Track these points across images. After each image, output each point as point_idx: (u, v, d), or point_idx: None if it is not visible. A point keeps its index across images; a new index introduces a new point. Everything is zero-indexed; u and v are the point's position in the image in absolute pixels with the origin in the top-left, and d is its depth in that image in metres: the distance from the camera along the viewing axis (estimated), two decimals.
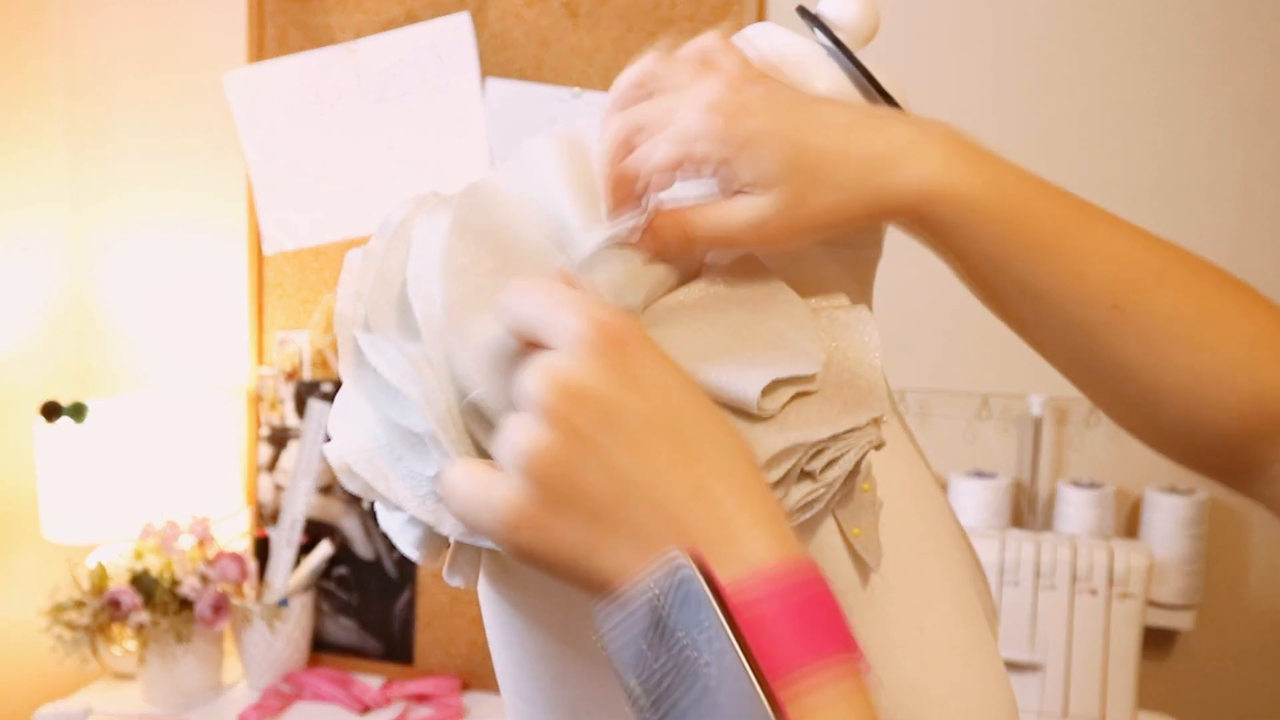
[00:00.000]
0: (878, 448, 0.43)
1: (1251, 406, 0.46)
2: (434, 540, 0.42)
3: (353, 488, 0.41)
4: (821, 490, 0.41)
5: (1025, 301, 0.46)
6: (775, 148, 0.44)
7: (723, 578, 0.33)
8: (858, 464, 0.42)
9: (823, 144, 0.44)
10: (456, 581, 0.43)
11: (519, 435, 0.35)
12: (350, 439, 0.41)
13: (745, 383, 0.40)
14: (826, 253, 0.50)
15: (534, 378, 0.35)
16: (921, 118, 0.46)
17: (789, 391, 0.41)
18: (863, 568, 0.45)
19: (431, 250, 0.40)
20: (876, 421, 0.43)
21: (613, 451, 0.35)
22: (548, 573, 0.37)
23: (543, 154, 0.43)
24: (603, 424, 0.35)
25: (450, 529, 0.40)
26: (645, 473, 0.35)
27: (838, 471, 0.41)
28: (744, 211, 0.44)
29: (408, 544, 0.42)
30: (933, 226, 0.45)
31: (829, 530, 0.44)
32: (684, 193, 0.47)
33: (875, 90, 0.49)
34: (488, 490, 0.36)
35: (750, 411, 0.40)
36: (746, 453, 0.37)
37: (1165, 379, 0.46)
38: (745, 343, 0.43)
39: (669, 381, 0.36)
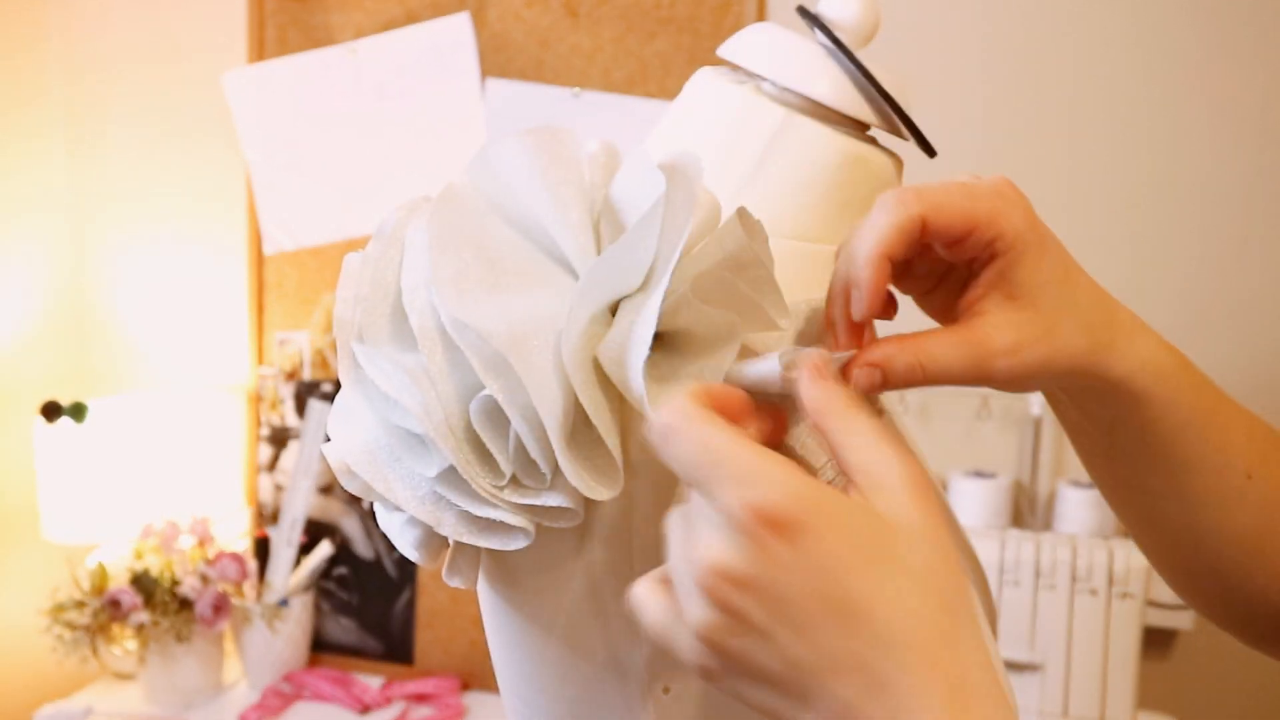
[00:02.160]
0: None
1: None
2: (433, 540, 0.42)
3: (352, 488, 0.41)
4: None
5: (1166, 471, 0.48)
6: (1056, 258, 0.42)
7: None
8: None
9: (1083, 281, 0.44)
10: (456, 582, 0.43)
11: (690, 610, 0.35)
12: (349, 439, 0.41)
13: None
14: (826, 253, 0.50)
15: (692, 563, 0.35)
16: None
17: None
18: None
19: (420, 261, 0.40)
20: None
21: (778, 636, 0.34)
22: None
23: (514, 154, 0.42)
24: (766, 610, 0.34)
25: (449, 529, 0.40)
26: (814, 656, 0.34)
27: (832, 474, 0.41)
28: (1008, 333, 0.41)
29: (407, 544, 0.42)
30: (1121, 399, 0.45)
31: None
32: None
33: (875, 90, 0.48)
34: (678, 634, 0.36)
35: None
36: (935, 616, 0.35)
37: (1269, 546, 0.49)
38: None
39: (834, 557, 0.34)
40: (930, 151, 0.51)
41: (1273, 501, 0.49)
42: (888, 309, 0.43)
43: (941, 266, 0.46)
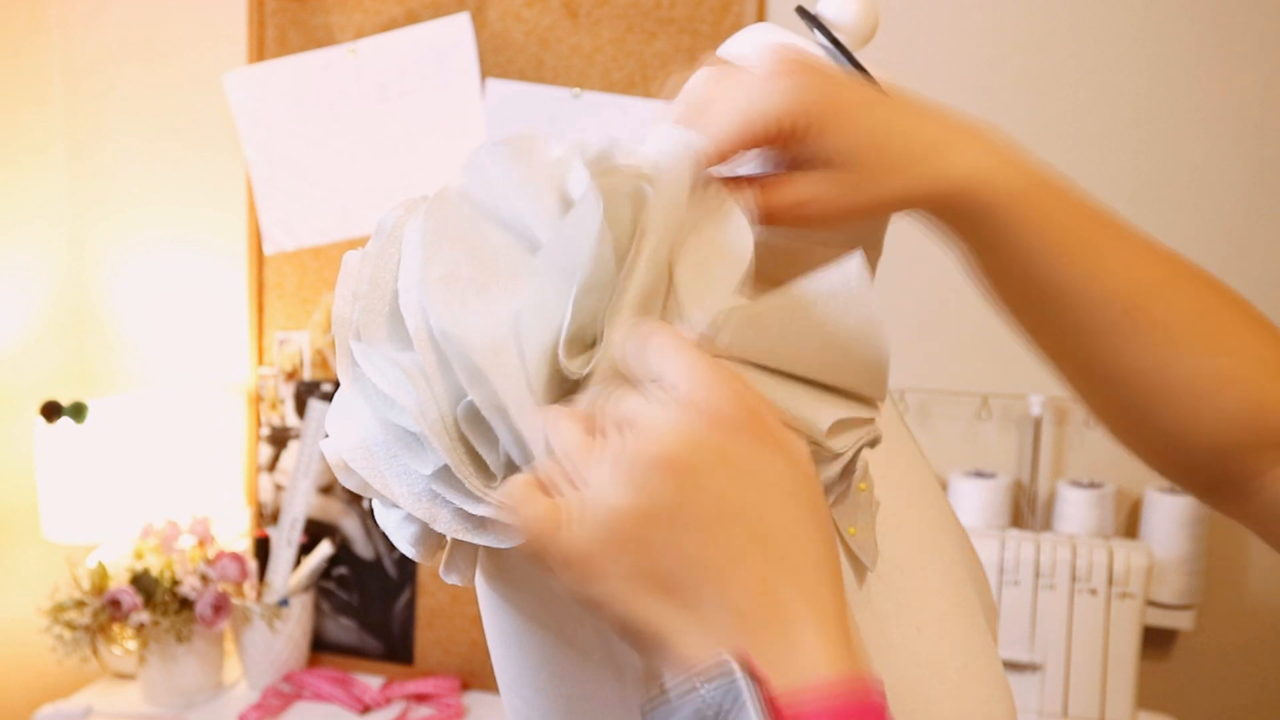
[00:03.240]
0: (873, 444, 0.43)
1: (1248, 416, 0.46)
2: (430, 537, 0.42)
3: (350, 485, 0.41)
4: None
5: (1040, 300, 0.47)
6: (862, 122, 0.44)
7: (777, 686, 0.33)
8: (852, 462, 0.42)
9: (900, 126, 0.44)
10: (453, 579, 0.43)
11: (603, 488, 0.35)
12: (347, 436, 0.41)
13: (816, 416, 0.40)
14: (826, 253, 0.50)
15: (636, 438, 0.35)
16: (969, 117, 0.47)
17: (853, 436, 0.42)
18: (859, 567, 0.45)
19: (414, 262, 0.40)
20: (870, 420, 0.43)
21: (688, 530, 0.34)
22: (600, 617, 0.37)
23: (498, 160, 0.43)
24: (689, 504, 0.34)
25: (445, 526, 0.40)
26: (715, 559, 0.34)
27: (831, 471, 0.41)
28: (817, 186, 0.44)
29: (404, 541, 0.42)
30: (968, 215, 0.45)
31: None
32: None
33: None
34: (555, 529, 0.36)
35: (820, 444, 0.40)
36: (831, 562, 0.36)
37: (1167, 383, 0.46)
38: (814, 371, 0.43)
39: (769, 474, 0.36)
40: None
41: (1162, 340, 0.46)
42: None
43: None
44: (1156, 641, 1.47)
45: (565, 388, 0.39)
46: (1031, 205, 0.45)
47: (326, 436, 0.42)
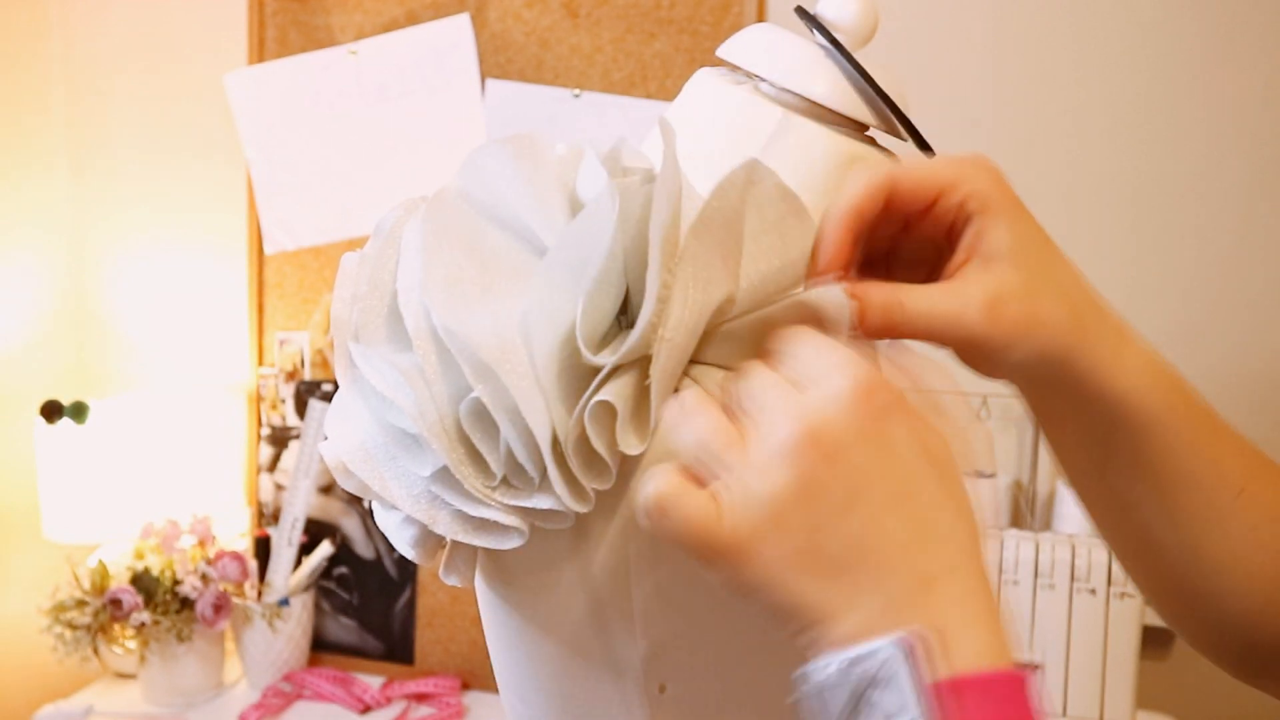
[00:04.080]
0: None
1: None
2: (429, 539, 0.42)
3: (349, 486, 0.41)
4: None
5: (1152, 488, 0.47)
6: (1036, 228, 0.42)
7: (938, 670, 0.33)
8: None
9: (1063, 257, 0.43)
10: (452, 580, 0.43)
11: (761, 472, 0.35)
12: (346, 438, 0.41)
13: None
14: None
15: (789, 420, 0.35)
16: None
17: None
18: None
19: (414, 262, 0.40)
20: None
21: (851, 514, 0.35)
22: (757, 601, 0.36)
23: (499, 160, 0.43)
24: (847, 484, 0.35)
25: (444, 528, 0.40)
26: (877, 543, 0.35)
27: None
28: (988, 284, 0.41)
29: (404, 543, 0.42)
30: (1094, 398, 0.44)
31: None
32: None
33: (873, 91, 0.49)
34: (718, 521, 0.36)
35: None
36: (978, 543, 0.36)
37: (1252, 567, 0.48)
38: None
39: (922, 454, 0.36)
40: (929, 152, 0.51)
41: (1262, 519, 0.48)
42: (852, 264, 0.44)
43: (930, 252, 0.46)
44: (1156, 641, 1.47)
45: (576, 385, 0.39)
46: (1167, 402, 0.45)
47: (326, 438, 0.42)
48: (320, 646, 1.70)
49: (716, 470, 0.36)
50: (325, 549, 1.66)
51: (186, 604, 1.50)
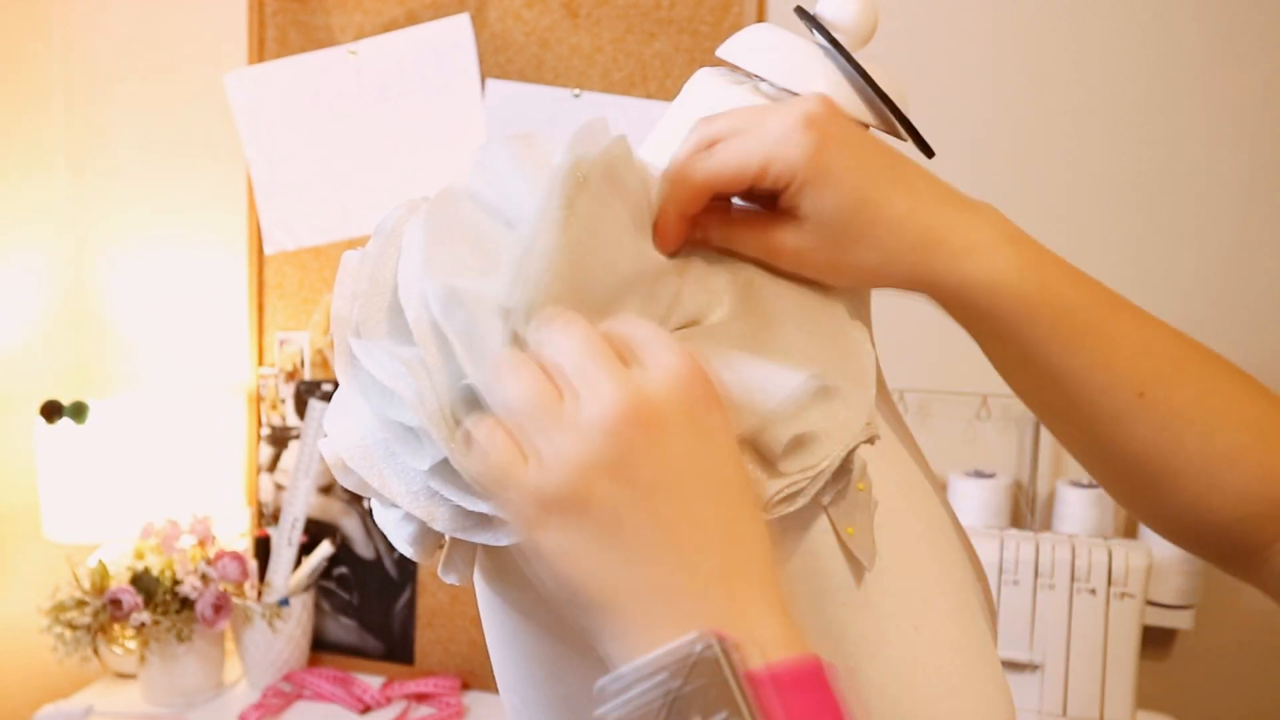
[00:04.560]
0: (870, 442, 0.43)
1: (1259, 488, 0.48)
2: (428, 536, 0.42)
3: (348, 484, 0.41)
4: (804, 483, 0.41)
5: (1053, 388, 0.49)
6: (844, 191, 0.44)
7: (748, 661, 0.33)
8: (848, 460, 0.42)
9: (887, 206, 0.45)
10: (451, 578, 0.43)
11: (578, 441, 0.34)
12: (346, 435, 0.42)
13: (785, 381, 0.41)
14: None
15: (615, 388, 0.35)
16: (972, 200, 0.47)
17: (848, 433, 0.42)
18: (857, 567, 0.45)
19: (416, 256, 0.40)
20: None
21: (661, 497, 0.34)
22: (543, 578, 0.36)
23: (504, 159, 0.43)
24: (663, 466, 0.35)
25: (443, 524, 0.40)
26: (685, 529, 0.35)
27: (824, 464, 0.41)
28: (791, 239, 0.46)
29: (402, 540, 0.42)
30: (971, 312, 0.47)
31: (822, 529, 0.44)
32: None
33: (873, 91, 0.49)
34: (516, 470, 0.35)
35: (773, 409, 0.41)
36: (767, 538, 0.37)
37: (1178, 463, 0.48)
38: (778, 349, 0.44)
39: (729, 447, 0.37)
40: (928, 152, 0.51)
41: (1171, 423, 0.48)
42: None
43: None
44: (1156, 641, 1.47)
45: None
46: (1038, 301, 0.46)
47: (325, 435, 0.43)
48: (320, 646, 1.70)
49: (532, 430, 0.36)
50: (325, 549, 1.66)
51: (186, 604, 1.50)
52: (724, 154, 0.45)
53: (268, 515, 1.72)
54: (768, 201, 0.47)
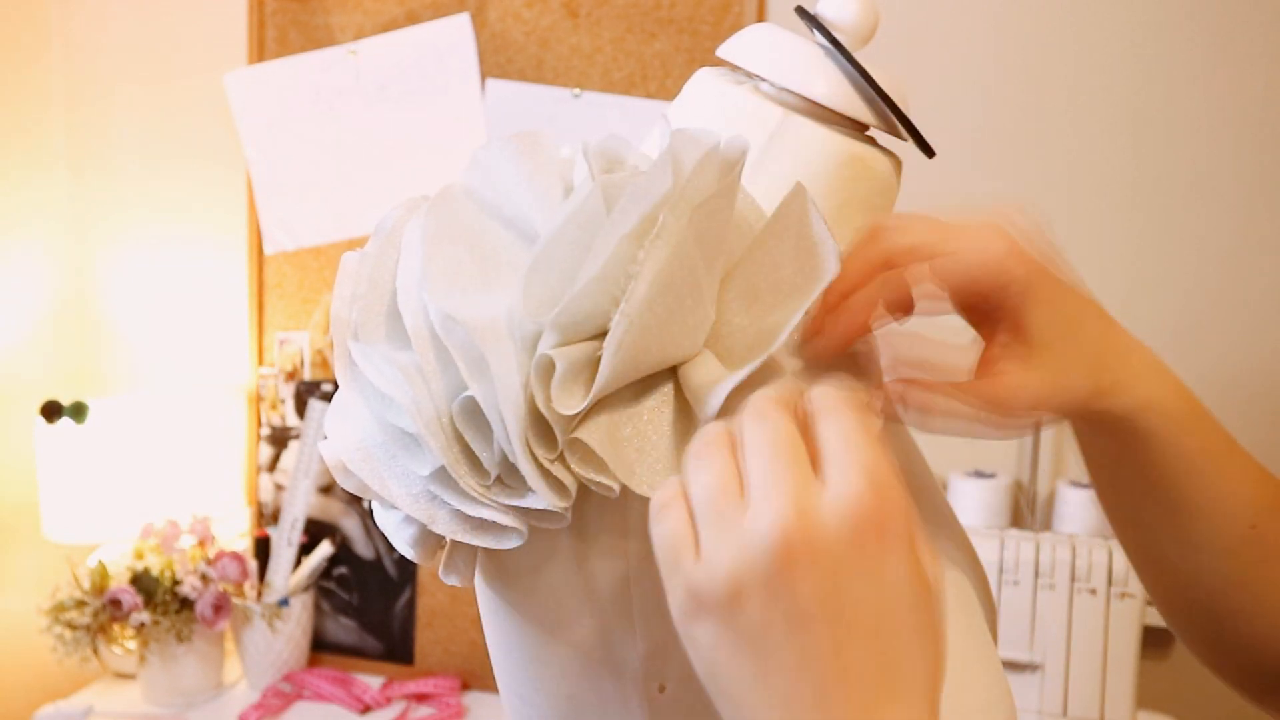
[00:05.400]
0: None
1: None
2: (429, 538, 0.42)
3: (348, 486, 0.41)
4: None
5: (1168, 513, 0.49)
6: (1064, 302, 0.44)
7: None
8: None
9: (1091, 319, 0.45)
10: (452, 580, 0.43)
11: (741, 550, 0.33)
12: (346, 437, 0.41)
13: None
14: None
15: (787, 505, 0.33)
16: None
17: None
18: None
19: (414, 260, 0.40)
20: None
21: (814, 625, 0.33)
22: (692, 659, 0.36)
23: (504, 158, 0.43)
24: (820, 593, 0.33)
25: (442, 527, 0.40)
26: (825, 664, 0.33)
27: None
28: (1022, 385, 0.44)
29: (403, 542, 0.42)
30: (1126, 434, 0.46)
31: None
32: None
33: (874, 91, 0.49)
34: (678, 558, 0.35)
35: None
36: (936, 685, 0.35)
37: (1266, 595, 0.49)
38: None
39: (901, 582, 0.34)
40: (929, 152, 0.51)
41: (1273, 554, 0.48)
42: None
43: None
44: (1156, 641, 1.47)
45: (576, 380, 0.39)
46: (1182, 428, 0.46)
47: (325, 437, 0.42)
48: (320, 647, 1.70)
49: (706, 521, 0.35)
50: (325, 549, 1.65)
51: (186, 604, 1.50)
52: (939, 271, 0.43)
53: (267, 515, 1.71)
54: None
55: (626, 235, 0.37)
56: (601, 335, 0.39)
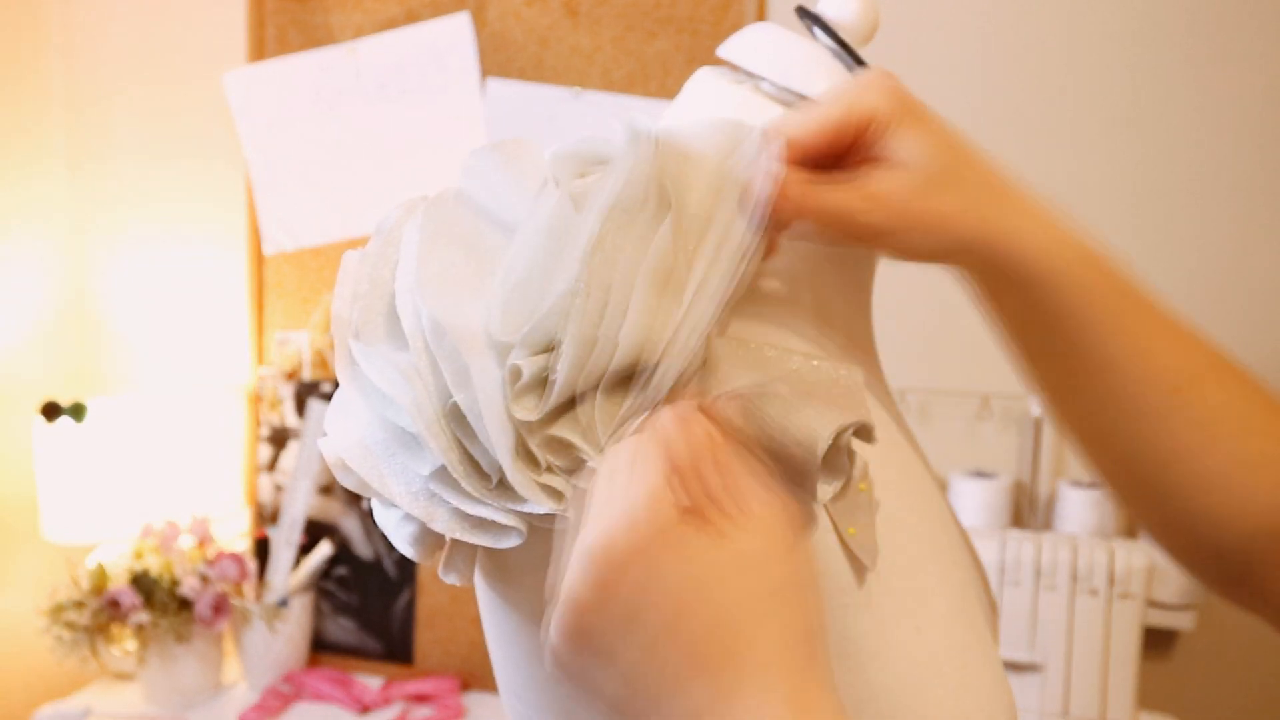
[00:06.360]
0: (860, 434, 0.42)
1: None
2: (429, 536, 0.42)
3: (348, 483, 0.41)
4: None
5: (1083, 372, 0.47)
6: (936, 135, 0.44)
7: None
8: (850, 455, 0.42)
9: (973, 158, 0.45)
10: (452, 579, 0.43)
11: (569, 580, 0.36)
12: (346, 435, 0.41)
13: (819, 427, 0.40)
14: (822, 251, 0.50)
15: (593, 523, 0.36)
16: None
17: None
18: (858, 567, 0.45)
19: (410, 263, 0.40)
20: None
21: (639, 631, 0.35)
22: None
23: (494, 163, 0.43)
24: (635, 600, 0.35)
25: (442, 526, 0.40)
26: (672, 660, 0.35)
27: (835, 485, 0.41)
28: (875, 185, 0.44)
29: (402, 540, 0.42)
30: (1026, 281, 0.45)
31: (823, 529, 0.44)
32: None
33: None
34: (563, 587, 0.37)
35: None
36: (798, 640, 0.36)
37: (1205, 466, 0.47)
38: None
39: (726, 561, 0.36)
40: None
41: (1206, 422, 0.46)
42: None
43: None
44: (1157, 642, 1.47)
45: (541, 389, 0.39)
46: (1086, 279, 0.45)
47: (325, 435, 0.42)
48: (320, 647, 1.70)
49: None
50: (325, 549, 1.65)
51: (185, 605, 1.50)
52: (814, 110, 0.44)
53: (267, 516, 1.71)
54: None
55: (590, 249, 0.39)
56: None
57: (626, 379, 0.40)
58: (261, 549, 1.64)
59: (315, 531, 1.67)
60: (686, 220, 0.41)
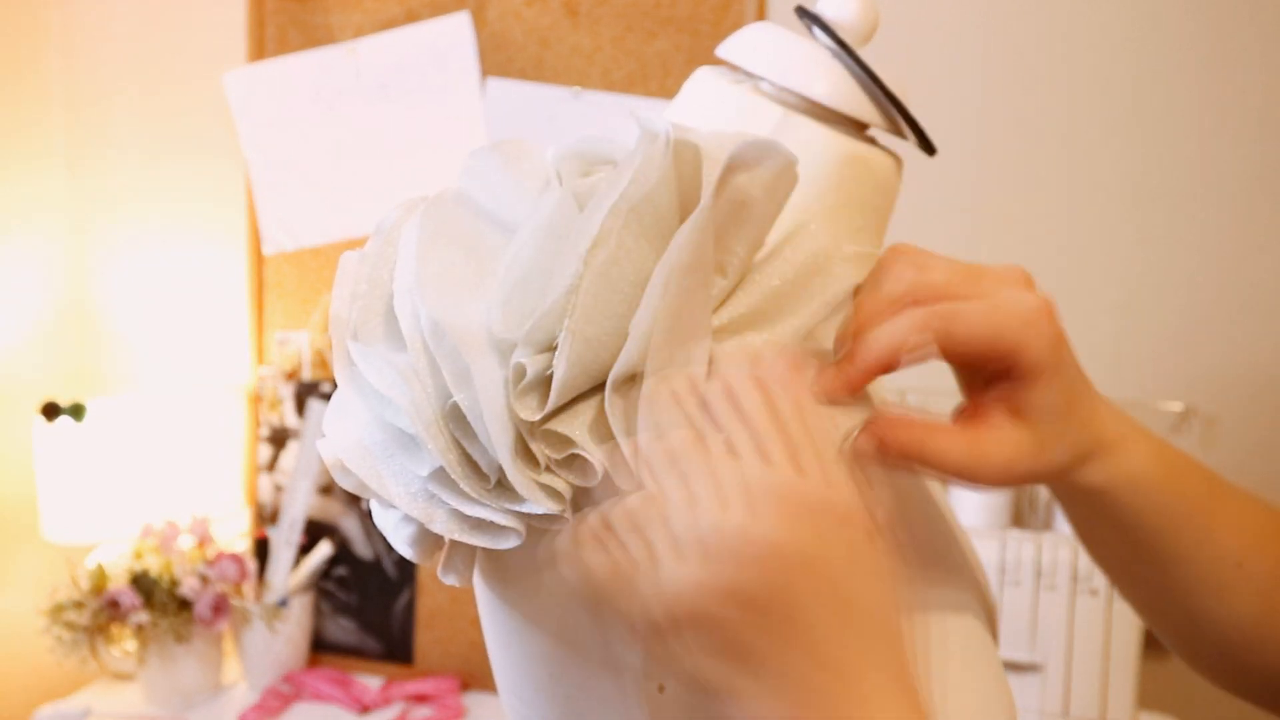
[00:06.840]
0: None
1: None
2: (427, 537, 0.42)
3: (346, 485, 0.41)
4: None
5: (1151, 565, 0.49)
6: (1072, 379, 0.43)
7: None
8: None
9: (1086, 395, 0.44)
10: (451, 579, 0.43)
11: (679, 561, 0.35)
12: (344, 436, 0.41)
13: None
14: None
15: (711, 507, 0.35)
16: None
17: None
18: None
19: (409, 263, 0.40)
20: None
21: (766, 615, 0.35)
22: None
23: (494, 164, 0.43)
24: (762, 588, 0.35)
25: (441, 526, 0.40)
26: (798, 641, 0.35)
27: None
28: (1005, 450, 0.43)
29: (401, 541, 0.42)
30: (1109, 503, 0.46)
31: None
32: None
33: (879, 89, 0.48)
34: (622, 586, 0.37)
35: None
36: (902, 640, 0.37)
37: (1267, 630, 0.49)
38: None
39: (855, 561, 0.37)
40: (930, 150, 0.51)
41: (1269, 585, 0.49)
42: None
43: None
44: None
45: (544, 388, 0.39)
46: (1167, 491, 0.47)
47: (324, 435, 0.42)
48: (319, 647, 1.70)
49: (639, 538, 0.37)
50: (324, 550, 1.65)
51: (185, 605, 1.50)
52: (968, 319, 0.41)
53: (267, 516, 1.71)
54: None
55: (590, 246, 0.38)
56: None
57: (631, 377, 0.40)
58: (261, 549, 1.64)
59: (315, 531, 1.67)
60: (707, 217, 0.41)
